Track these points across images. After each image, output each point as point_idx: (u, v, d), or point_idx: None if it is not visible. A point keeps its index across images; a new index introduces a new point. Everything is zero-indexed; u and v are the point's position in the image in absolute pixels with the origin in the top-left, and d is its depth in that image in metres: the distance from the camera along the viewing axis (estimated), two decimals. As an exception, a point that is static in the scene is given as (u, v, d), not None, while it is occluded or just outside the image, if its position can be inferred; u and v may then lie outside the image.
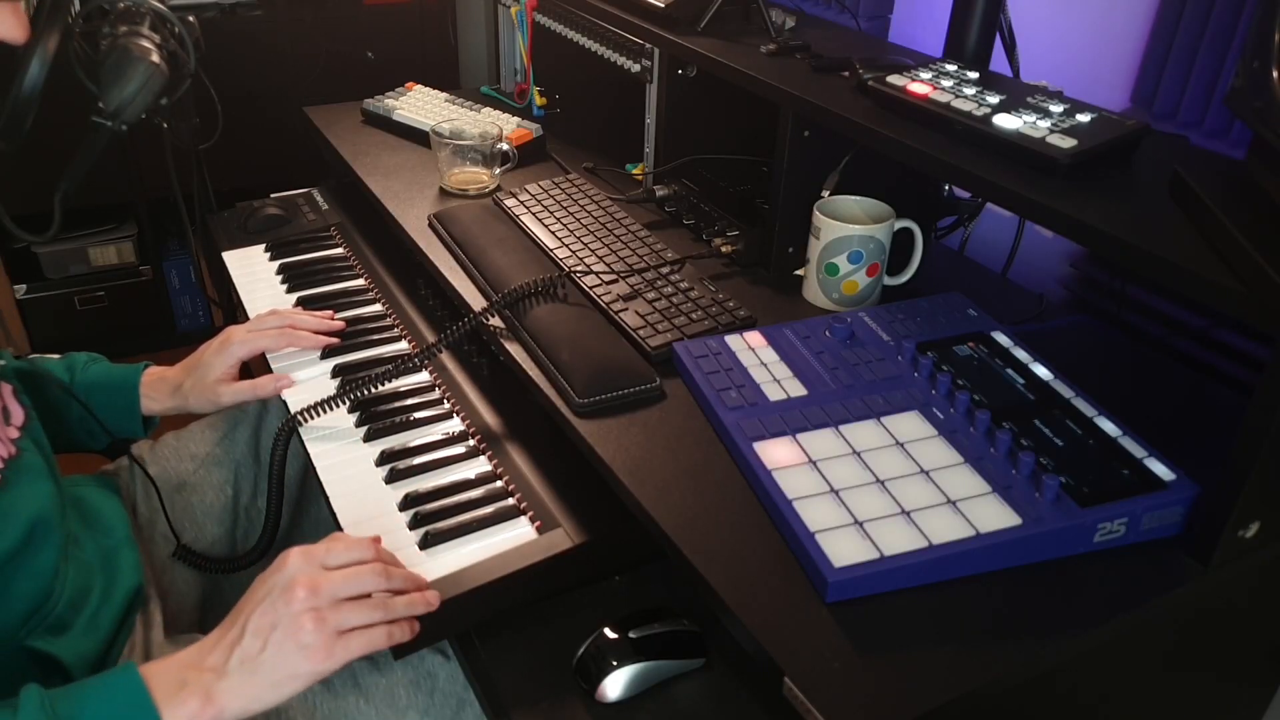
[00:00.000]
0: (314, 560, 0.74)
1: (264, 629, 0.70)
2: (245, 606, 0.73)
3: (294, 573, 0.72)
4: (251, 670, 0.69)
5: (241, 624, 0.71)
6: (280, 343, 1.10)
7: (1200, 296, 0.68)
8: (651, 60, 1.24)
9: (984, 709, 0.66)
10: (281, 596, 0.71)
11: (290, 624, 0.70)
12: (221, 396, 1.06)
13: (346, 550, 0.76)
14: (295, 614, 0.70)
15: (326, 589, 0.71)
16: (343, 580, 0.73)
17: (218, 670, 0.70)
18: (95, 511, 0.98)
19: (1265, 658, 0.93)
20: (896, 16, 1.48)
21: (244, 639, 0.70)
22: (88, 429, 1.04)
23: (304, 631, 0.70)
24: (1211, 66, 1.08)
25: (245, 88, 2.11)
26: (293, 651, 0.70)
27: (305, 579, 0.72)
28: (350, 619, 0.72)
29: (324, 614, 0.71)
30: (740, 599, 0.69)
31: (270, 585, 0.72)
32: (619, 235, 1.16)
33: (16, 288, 2.24)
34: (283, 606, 0.71)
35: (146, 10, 1.08)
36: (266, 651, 0.70)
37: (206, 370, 1.06)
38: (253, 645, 0.70)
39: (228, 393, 1.06)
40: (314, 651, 0.70)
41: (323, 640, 0.70)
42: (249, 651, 0.70)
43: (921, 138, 0.89)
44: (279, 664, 0.70)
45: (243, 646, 0.70)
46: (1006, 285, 1.21)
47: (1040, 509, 0.72)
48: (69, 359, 1.06)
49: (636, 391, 0.90)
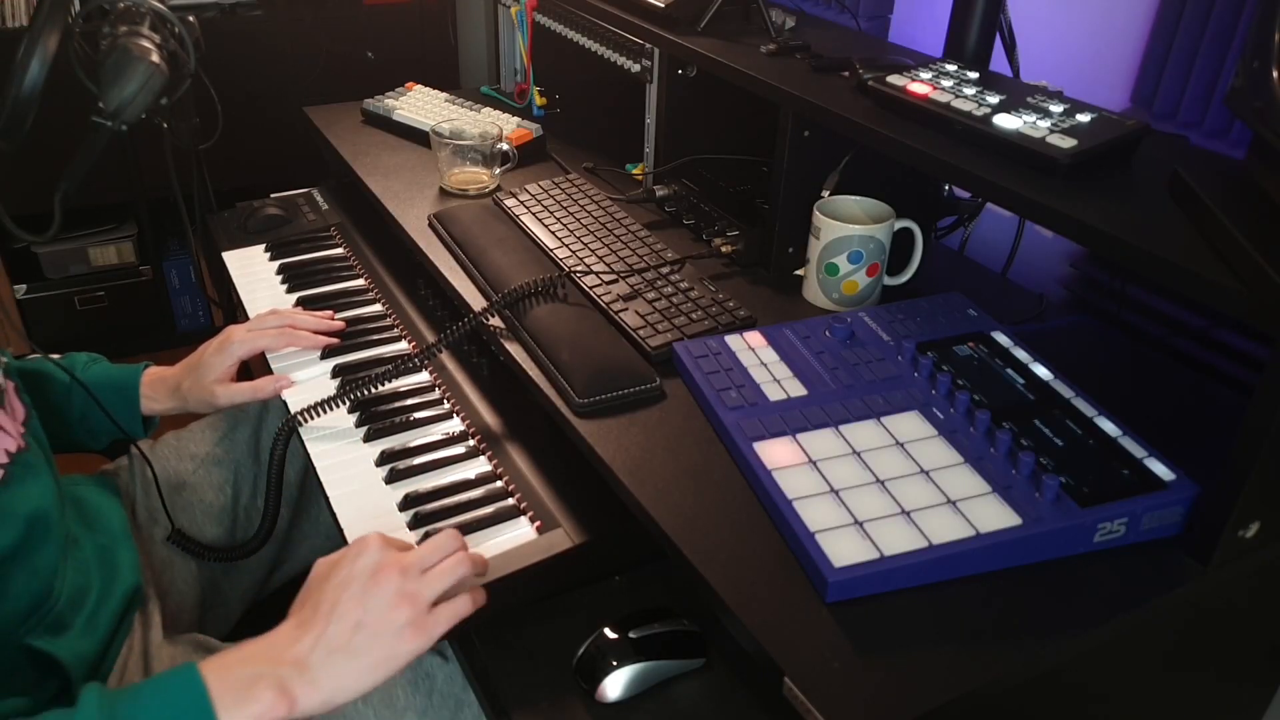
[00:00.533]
0: (385, 541, 0.74)
1: (354, 613, 0.69)
2: (322, 595, 0.71)
3: (379, 557, 0.72)
4: (341, 660, 0.68)
5: (326, 613, 0.69)
6: (280, 342, 1.11)
7: (1200, 296, 0.68)
8: (651, 60, 1.24)
9: (984, 709, 0.66)
10: (371, 581, 0.70)
11: (385, 607, 0.69)
12: (218, 398, 1.05)
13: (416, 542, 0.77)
14: (391, 594, 0.70)
15: (414, 567, 0.72)
16: (425, 554, 0.73)
17: (299, 662, 0.68)
18: (94, 511, 0.98)
19: (1265, 658, 0.93)
20: (896, 16, 1.47)
21: (329, 628, 0.69)
22: (89, 428, 1.04)
23: (399, 611, 0.69)
24: (1211, 66, 1.08)
25: (245, 88, 2.11)
26: (391, 634, 0.69)
27: (393, 561, 0.71)
28: (436, 587, 0.72)
29: (417, 592, 0.71)
30: (740, 599, 0.69)
31: (352, 572, 0.71)
32: (619, 235, 1.16)
33: (16, 288, 2.24)
34: (374, 590, 0.70)
35: (146, 10, 1.08)
36: (359, 636, 0.69)
37: (206, 370, 1.06)
38: (341, 633, 0.68)
39: (224, 394, 1.05)
40: (412, 630, 0.70)
41: (417, 616, 0.70)
42: (336, 640, 0.68)
43: (921, 138, 0.89)
44: (374, 648, 0.69)
45: (329, 635, 0.68)
46: (1006, 285, 1.21)
47: (1040, 509, 0.72)
48: (69, 359, 1.06)
49: (636, 391, 0.90)
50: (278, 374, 1.08)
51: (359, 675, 0.68)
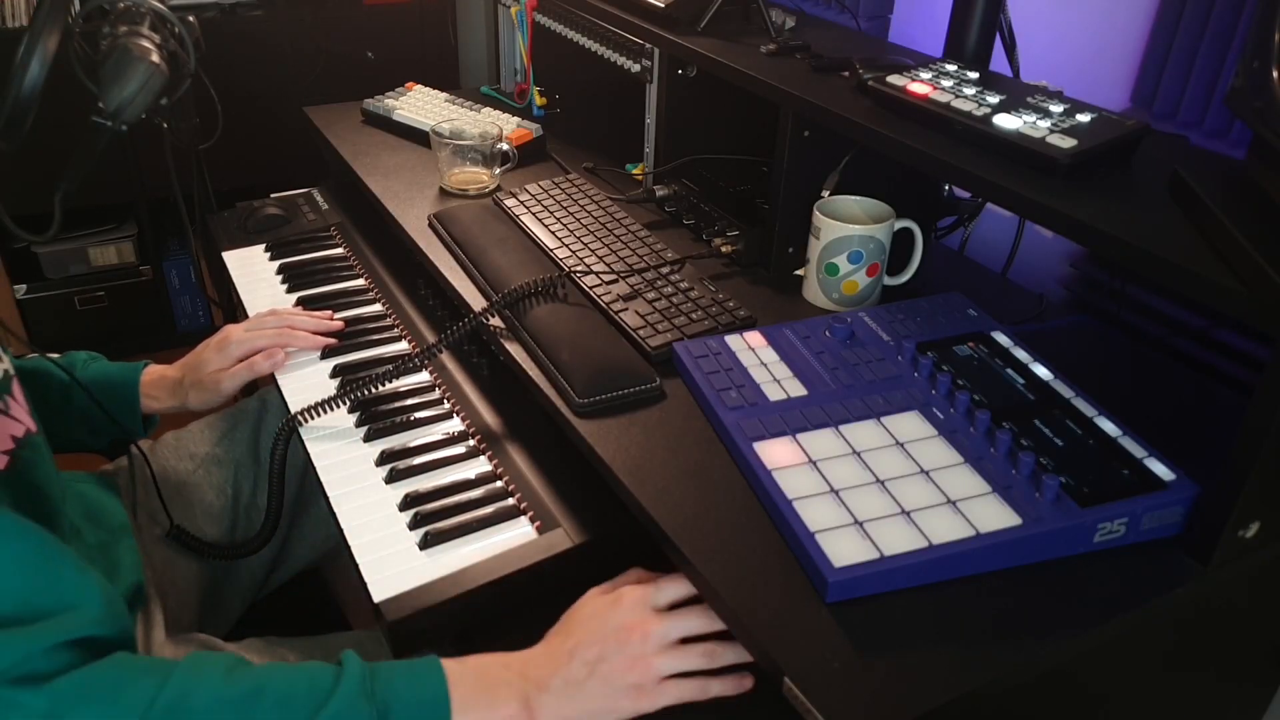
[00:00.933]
0: (649, 601, 0.76)
1: (592, 660, 0.72)
2: (575, 630, 0.75)
3: (630, 614, 0.75)
4: (572, 695, 0.72)
5: (571, 648, 0.73)
6: (278, 342, 1.10)
7: (1200, 296, 0.68)
8: (651, 60, 1.24)
9: (984, 709, 0.66)
10: (615, 635, 0.73)
11: (620, 664, 0.72)
12: (222, 384, 1.07)
13: (676, 587, 0.77)
14: (627, 656, 0.72)
15: (657, 636, 0.73)
16: (672, 623, 0.74)
17: (541, 684, 0.72)
18: (95, 506, 0.98)
19: (1265, 658, 0.93)
20: (896, 16, 1.48)
21: (572, 663, 0.73)
22: (89, 427, 1.04)
23: (630, 673, 0.72)
24: (1211, 66, 1.08)
25: (245, 88, 2.11)
26: (615, 690, 0.72)
27: (640, 622, 0.74)
28: (675, 665, 0.73)
29: (651, 661, 0.73)
30: (740, 599, 0.69)
31: (605, 621, 0.74)
32: (619, 235, 1.16)
33: (16, 288, 2.24)
34: (614, 645, 0.73)
35: (146, 10, 1.08)
36: (591, 681, 0.72)
37: (201, 365, 1.07)
38: (579, 671, 0.72)
39: (228, 379, 1.07)
40: (636, 692, 0.72)
41: (646, 683, 0.72)
42: (574, 676, 0.72)
43: (921, 138, 0.89)
44: (599, 696, 0.72)
45: (570, 669, 0.72)
46: (1006, 285, 1.21)
47: (1040, 509, 0.72)
48: (68, 358, 1.06)
49: (636, 391, 0.90)
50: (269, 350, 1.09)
51: (583, 714, 0.72)
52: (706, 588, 0.71)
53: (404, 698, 0.69)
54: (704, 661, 0.74)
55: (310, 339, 1.13)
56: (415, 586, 0.82)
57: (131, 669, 0.68)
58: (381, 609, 0.80)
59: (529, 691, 0.72)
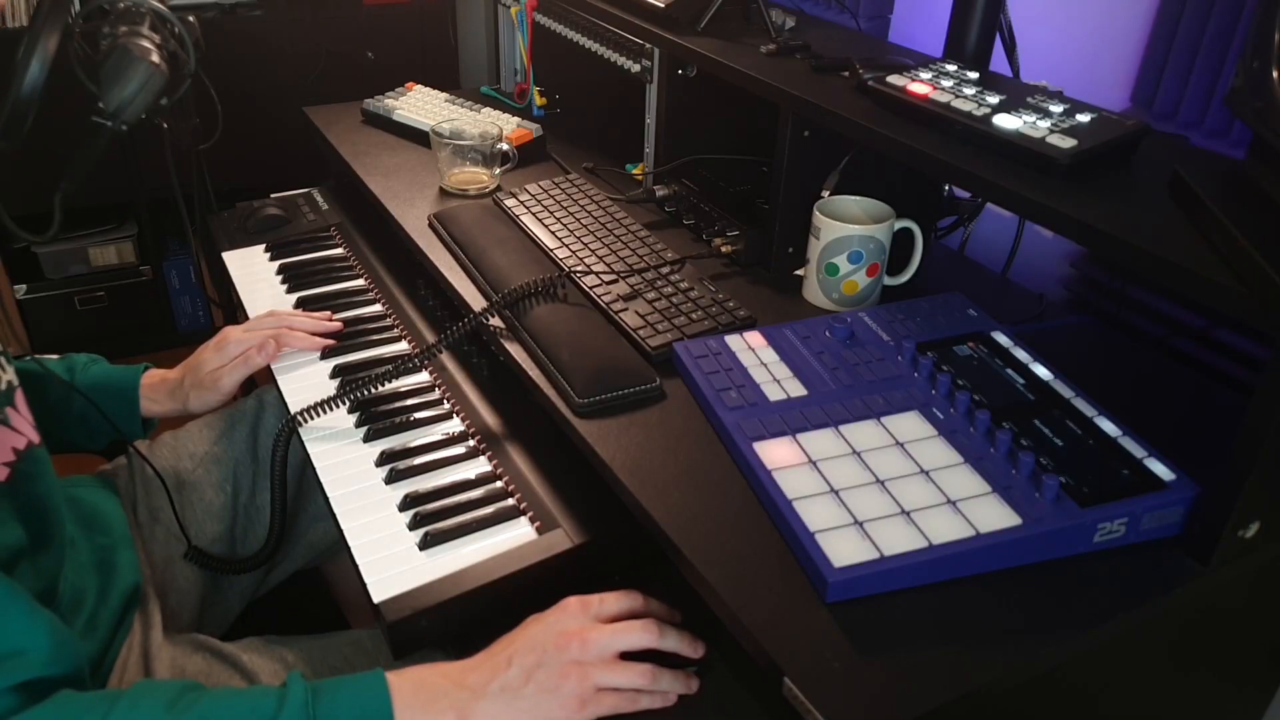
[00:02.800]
0: (589, 610, 0.76)
1: (529, 666, 0.73)
2: (516, 638, 0.75)
3: (570, 622, 0.75)
4: (509, 701, 0.72)
5: (509, 655, 0.74)
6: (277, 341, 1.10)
7: (1200, 296, 0.68)
8: (651, 60, 1.24)
9: (984, 709, 0.66)
10: (554, 642, 0.73)
11: (555, 670, 0.72)
12: (221, 380, 1.07)
13: (619, 601, 0.78)
14: (562, 663, 0.72)
15: (595, 646, 0.73)
16: (612, 636, 0.74)
17: (476, 690, 0.72)
18: (92, 511, 0.98)
19: (1265, 658, 0.93)
20: (896, 16, 1.48)
21: (509, 669, 0.73)
22: (88, 429, 1.04)
23: (567, 680, 0.72)
24: (1211, 66, 1.08)
25: (245, 88, 2.11)
26: (550, 696, 0.72)
27: (580, 631, 0.74)
28: (613, 680, 0.73)
29: (588, 670, 0.73)
30: (740, 599, 0.69)
31: (546, 626, 0.75)
32: (619, 235, 1.16)
33: (16, 288, 2.24)
34: (553, 652, 0.73)
35: (146, 10, 1.08)
36: (527, 688, 0.72)
37: (200, 367, 1.07)
38: (515, 678, 0.72)
39: (227, 375, 1.07)
40: (570, 701, 0.72)
41: (580, 693, 0.72)
42: (511, 682, 0.72)
43: (921, 138, 0.89)
44: (535, 703, 0.72)
45: (507, 675, 0.73)
46: (1006, 285, 1.21)
47: (1040, 509, 0.72)
48: (68, 360, 1.06)
49: (636, 391, 0.90)
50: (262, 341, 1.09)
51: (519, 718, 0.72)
52: (706, 587, 0.71)
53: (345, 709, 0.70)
54: (644, 681, 0.74)
55: (308, 339, 1.12)
56: (415, 586, 0.82)
57: (73, 706, 0.68)
58: (381, 609, 0.80)
59: (465, 700, 0.72)
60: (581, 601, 0.77)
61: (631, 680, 0.74)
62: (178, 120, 1.39)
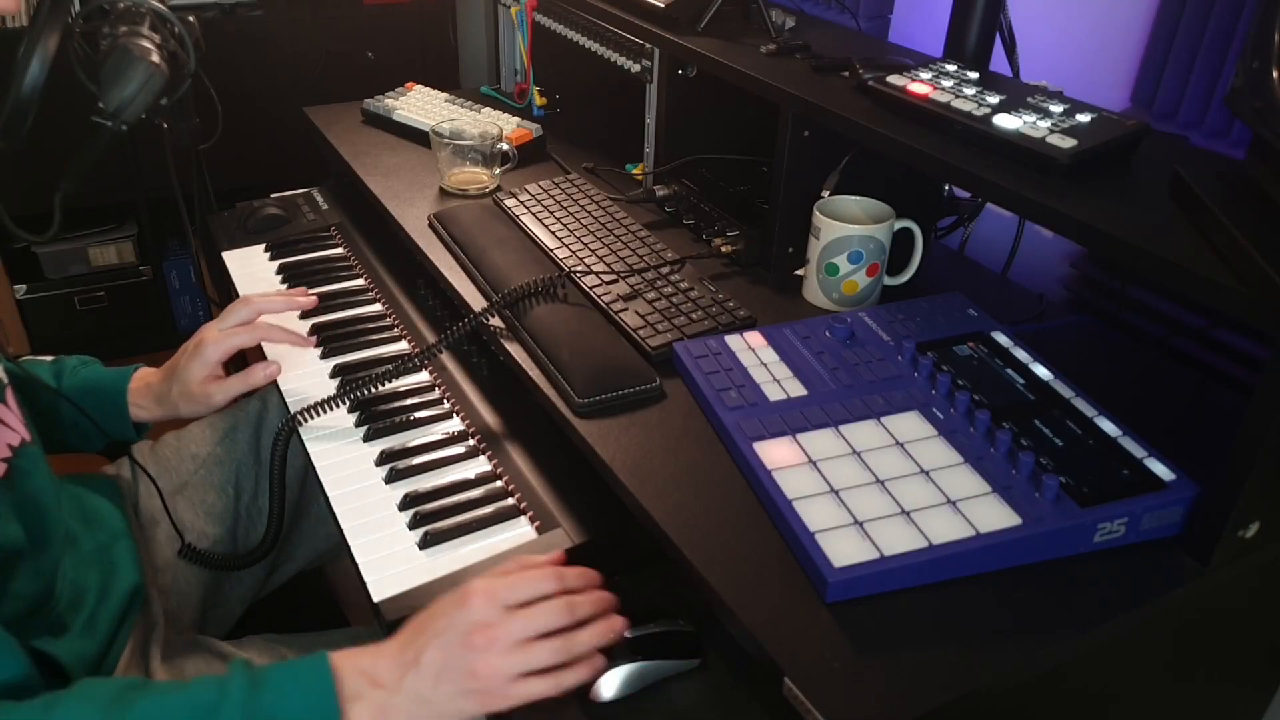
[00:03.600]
0: (496, 600, 0.72)
1: (436, 664, 0.70)
2: (425, 631, 0.72)
3: (475, 616, 0.71)
4: (420, 700, 0.69)
5: (417, 652, 0.70)
6: (254, 338, 1.06)
7: (1200, 296, 0.68)
8: (651, 60, 1.24)
9: (984, 709, 0.66)
10: (459, 639, 0.70)
11: (462, 668, 0.69)
12: (213, 397, 1.03)
13: (530, 585, 0.73)
14: (469, 660, 0.69)
15: (503, 637, 0.70)
16: (523, 623, 0.71)
17: (391, 688, 0.70)
18: (93, 510, 0.98)
19: (1265, 658, 0.93)
20: (896, 16, 1.48)
21: (419, 666, 0.70)
22: (81, 433, 1.03)
23: (476, 678, 0.69)
24: (1211, 66, 1.08)
25: (245, 88, 2.11)
26: (459, 694, 0.69)
27: (486, 625, 0.70)
28: (523, 665, 0.70)
29: (496, 663, 0.69)
30: (740, 599, 0.69)
31: (451, 621, 0.71)
32: (619, 235, 1.16)
33: (16, 288, 2.24)
34: (458, 649, 0.70)
35: (146, 10, 1.08)
36: (437, 688, 0.69)
37: (187, 377, 1.02)
38: (424, 677, 0.69)
39: (219, 392, 1.03)
40: (482, 696, 0.70)
41: (493, 686, 0.70)
42: (421, 682, 0.70)
43: (921, 138, 0.89)
44: (445, 701, 0.69)
45: (417, 673, 0.70)
46: (1006, 285, 1.21)
47: (1040, 509, 0.72)
48: (58, 363, 1.04)
49: (636, 391, 0.90)
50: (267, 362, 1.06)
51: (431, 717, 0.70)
52: (706, 588, 0.71)
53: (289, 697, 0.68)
54: (555, 658, 0.71)
55: (288, 336, 1.08)
56: (415, 586, 0.82)
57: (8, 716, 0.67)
58: (381, 608, 0.80)
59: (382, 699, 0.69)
60: (488, 591, 0.72)
61: (543, 659, 0.71)
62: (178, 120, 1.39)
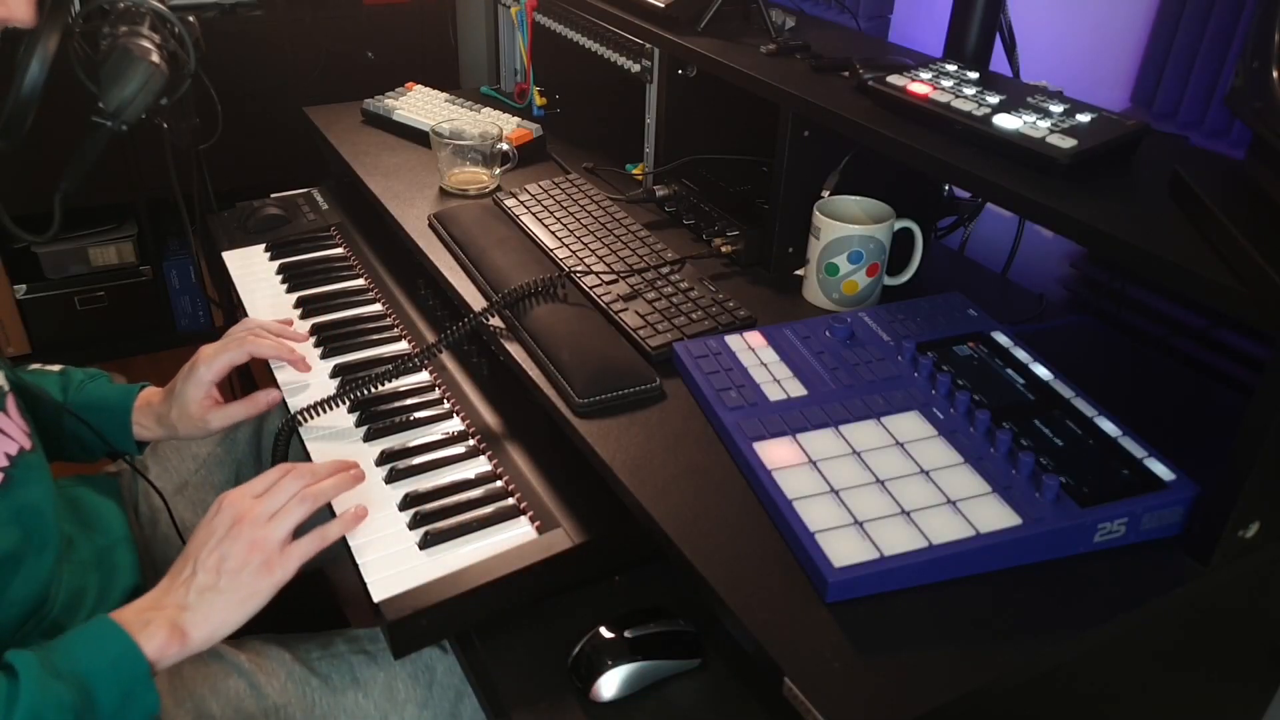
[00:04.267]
0: (244, 495, 0.82)
1: (214, 563, 0.78)
2: (190, 551, 0.80)
3: (232, 510, 0.81)
4: (211, 600, 0.77)
5: (192, 564, 0.79)
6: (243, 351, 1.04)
7: (1200, 296, 0.68)
8: (651, 60, 1.24)
9: (984, 709, 0.66)
10: (225, 534, 0.79)
11: (238, 554, 0.78)
12: (211, 423, 1.02)
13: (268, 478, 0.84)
14: (239, 544, 0.79)
15: (261, 514, 0.81)
16: (269, 499, 0.82)
17: (180, 605, 0.77)
18: (92, 511, 0.98)
19: (1265, 658, 0.93)
20: (896, 16, 1.48)
21: (198, 574, 0.78)
22: (81, 445, 1.02)
23: (254, 555, 0.79)
24: (1211, 66, 1.08)
25: (245, 88, 2.11)
26: (247, 576, 0.78)
27: (243, 512, 0.80)
28: (284, 526, 0.81)
29: (262, 536, 0.79)
30: (740, 599, 0.69)
31: (213, 527, 0.80)
32: (619, 235, 1.16)
33: (16, 288, 2.24)
34: (229, 541, 0.79)
35: (146, 10, 1.08)
36: (222, 580, 0.78)
37: (184, 401, 1.01)
38: (207, 578, 0.78)
39: (216, 418, 1.02)
40: (265, 569, 0.79)
41: (269, 555, 0.79)
42: (205, 584, 0.78)
43: (921, 138, 0.89)
44: (236, 588, 0.78)
45: (198, 581, 0.78)
46: (1006, 285, 1.21)
47: (1040, 509, 0.72)
48: (65, 375, 1.04)
49: (636, 391, 0.90)
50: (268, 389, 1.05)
51: (231, 609, 0.78)
52: (706, 588, 0.71)
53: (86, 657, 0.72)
54: (304, 508, 0.82)
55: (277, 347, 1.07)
56: (415, 586, 0.82)
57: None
58: (381, 609, 0.80)
59: (171, 616, 0.76)
60: (234, 493, 0.82)
61: (299, 513, 0.81)
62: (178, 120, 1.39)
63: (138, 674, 0.72)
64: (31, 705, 0.67)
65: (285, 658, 0.90)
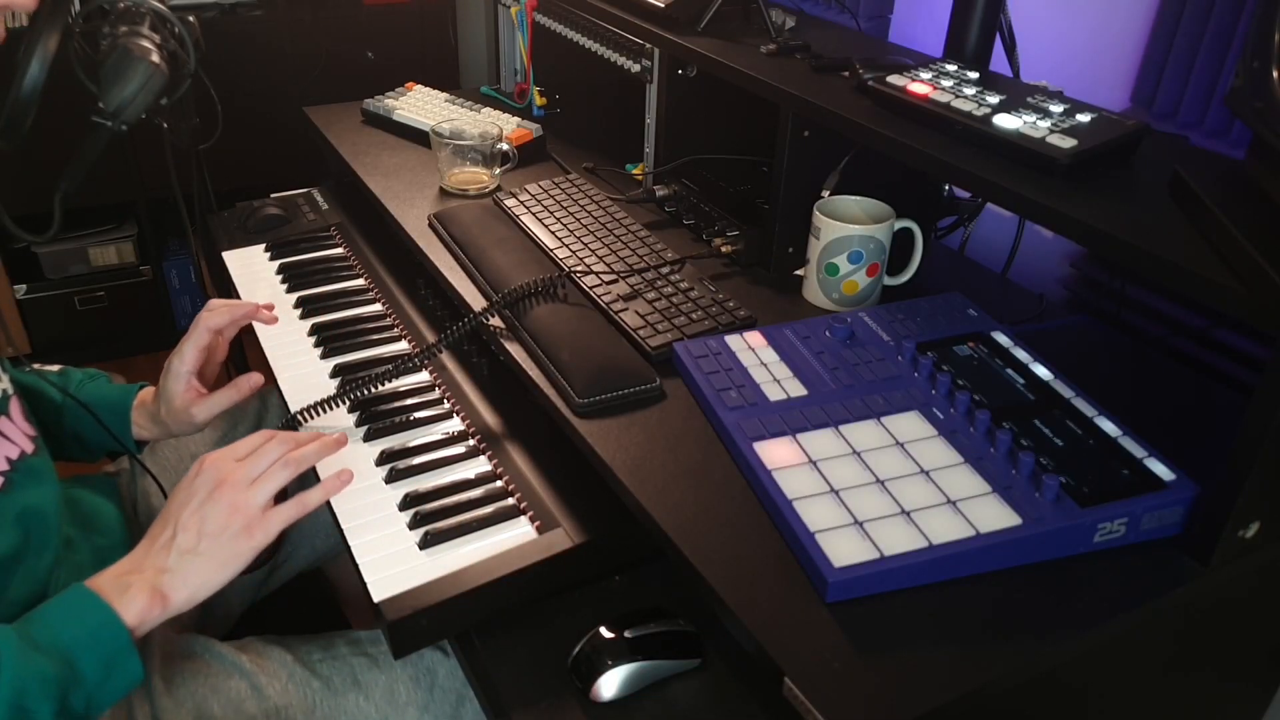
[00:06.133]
0: (226, 458, 0.82)
1: (194, 524, 0.78)
2: (170, 513, 0.80)
3: (213, 473, 0.81)
4: (191, 562, 0.77)
5: (172, 526, 0.79)
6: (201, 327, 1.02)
7: (1200, 296, 0.68)
8: (651, 60, 1.24)
9: (984, 709, 0.66)
10: (205, 496, 0.79)
11: (219, 517, 0.78)
12: (196, 417, 1.02)
13: (250, 442, 0.84)
14: (219, 507, 0.79)
15: (242, 478, 0.81)
16: (251, 463, 0.82)
17: (159, 568, 0.77)
18: (92, 512, 0.98)
19: (1265, 658, 0.93)
20: (896, 16, 1.47)
21: (178, 536, 0.78)
22: (81, 444, 1.02)
23: (234, 518, 0.79)
24: (1211, 66, 1.08)
25: (245, 88, 2.11)
26: (227, 538, 0.78)
27: (224, 475, 0.80)
28: (266, 491, 0.80)
29: (243, 499, 0.79)
30: (740, 599, 0.69)
31: (194, 489, 0.80)
32: (619, 235, 1.16)
33: (16, 288, 2.24)
34: (210, 504, 0.79)
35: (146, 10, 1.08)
36: (203, 543, 0.78)
37: (168, 396, 1.01)
38: (187, 540, 0.78)
39: (201, 410, 1.02)
40: (246, 533, 0.79)
41: (250, 518, 0.79)
42: (185, 545, 0.78)
43: (921, 138, 0.89)
44: (216, 551, 0.78)
45: (178, 542, 0.78)
46: (1006, 285, 1.21)
47: (1040, 509, 0.72)
48: (65, 375, 1.04)
49: (636, 391, 0.90)
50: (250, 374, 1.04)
51: (212, 572, 0.78)
52: (706, 588, 0.71)
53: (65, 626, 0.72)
54: (287, 473, 0.82)
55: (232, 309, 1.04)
56: (415, 586, 0.82)
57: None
58: (381, 608, 0.80)
59: (151, 579, 0.76)
60: (214, 456, 0.82)
61: (280, 478, 0.81)
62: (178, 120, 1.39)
63: (119, 643, 0.73)
64: (14, 680, 0.67)
65: (287, 659, 0.90)
